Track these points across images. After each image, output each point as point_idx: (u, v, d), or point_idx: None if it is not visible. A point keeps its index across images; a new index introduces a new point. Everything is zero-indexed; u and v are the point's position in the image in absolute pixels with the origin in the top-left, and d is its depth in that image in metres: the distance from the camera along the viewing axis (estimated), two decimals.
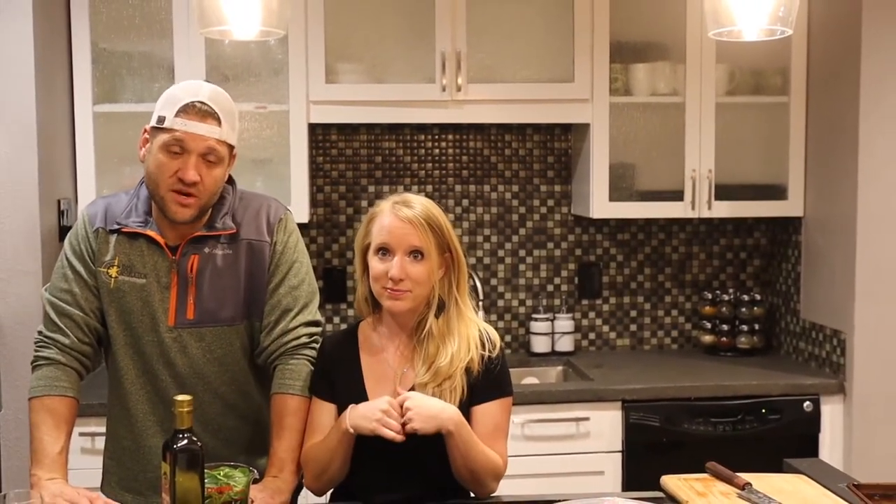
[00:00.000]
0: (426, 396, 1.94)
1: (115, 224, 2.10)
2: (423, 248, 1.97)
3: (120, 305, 2.09)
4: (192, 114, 2.00)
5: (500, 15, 3.45)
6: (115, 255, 2.09)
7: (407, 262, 1.96)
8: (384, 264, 1.97)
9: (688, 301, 3.90)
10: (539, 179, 3.80)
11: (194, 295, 2.08)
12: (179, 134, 1.99)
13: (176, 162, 2.00)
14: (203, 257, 2.08)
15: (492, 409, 2.02)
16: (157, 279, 2.08)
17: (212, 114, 2.01)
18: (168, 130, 1.99)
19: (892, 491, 1.98)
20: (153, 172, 2.03)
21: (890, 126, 3.20)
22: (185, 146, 1.99)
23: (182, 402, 1.73)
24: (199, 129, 2.00)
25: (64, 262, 2.13)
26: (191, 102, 2.00)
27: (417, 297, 1.99)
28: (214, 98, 2.04)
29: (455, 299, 2.04)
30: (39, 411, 2.03)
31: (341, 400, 2.02)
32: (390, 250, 1.97)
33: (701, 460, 2.19)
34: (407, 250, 1.96)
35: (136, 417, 2.13)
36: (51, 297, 2.12)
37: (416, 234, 1.96)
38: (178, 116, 1.99)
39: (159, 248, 2.08)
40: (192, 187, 2.00)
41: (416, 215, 1.97)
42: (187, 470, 1.71)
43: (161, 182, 2.02)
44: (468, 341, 2.01)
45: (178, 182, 2.00)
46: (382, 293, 1.98)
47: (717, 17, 2.08)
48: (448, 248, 2.02)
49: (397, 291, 1.96)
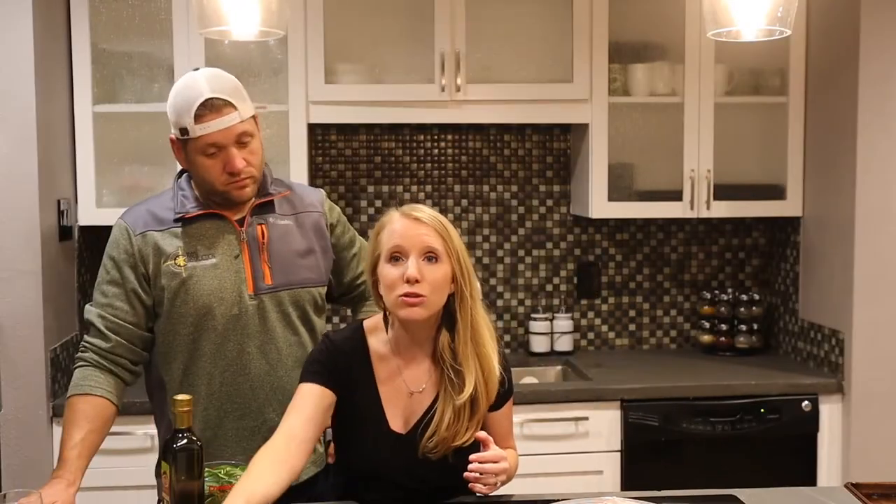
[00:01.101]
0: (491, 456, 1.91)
1: (176, 215, 2.14)
2: (438, 249, 1.87)
3: (196, 290, 2.12)
4: (210, 114, 2.06)
5: (500, 15, 3.45)
6: (176, 247, 2.13)
7: (422, 264, 1.85)
8: (398, 269, 1.86)
9: (686, 301, 3.90)
10: (538, 179, 3.81)
11: (268, 262, 2.15)
12: (209, 137, 2.06)
13: (218, 160, 2.08)
14: (269, 226, 2.18)
15: (504, 413, 2.05)
16: (226, 255, 2.14)
17: (225, 102, 2.08)
18: (197, 138, 2.06)
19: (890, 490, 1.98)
20: (202, 176, 2.11)
21: (888, 126, 3.21)
22: (220, 144, 2.07)
23: (182, 402, 1.74)
24: (223, 123, 2.07)
25: (106, 274, 2.15)
26: (201, 104, 2.05)
27: (432, 304, 1.87)
28: (217, 86, 2.09)
29: (469, 316, 1.93)
30: (66, 411, 2.08)
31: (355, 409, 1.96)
32: (403, 253, 1.86)
33: (700, 460, 2.20)
34: (422, 251, 1.86)
35: (213, 398, 2.15)
36: (95, 309, 2.15)
37: (431, 235, 1.87)
38: (198, 123, 2.05)
39: (223, 225, 2.15)
40: (242, 172, 2.09)
41: (428, 216, 1.89)
42: (187, 469, 1.72)
43: (214, 181, 2.10)
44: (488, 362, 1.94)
45: (230, 175, 2.09)
46: (397, 302, 1.86)
47: (716, 17, 2.09)
48: (458, 256, 1.90)
49: (413, 297, 1.84)
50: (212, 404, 2.15)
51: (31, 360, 2.92)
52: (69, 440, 2.02)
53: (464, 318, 1.92)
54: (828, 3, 3.35)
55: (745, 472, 3.16)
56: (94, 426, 2.05)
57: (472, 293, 1.92)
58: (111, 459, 2.73)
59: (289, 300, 2.18)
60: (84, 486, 2.02)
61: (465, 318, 1.92)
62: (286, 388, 2.14)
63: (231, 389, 2.15)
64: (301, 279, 2.19)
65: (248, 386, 2.15)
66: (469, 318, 1.92)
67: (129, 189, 3.29)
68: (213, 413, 2.15)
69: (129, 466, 2.93)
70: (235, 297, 2.13)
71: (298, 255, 2.20)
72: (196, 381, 2.14)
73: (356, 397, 1.96)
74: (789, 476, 3.16)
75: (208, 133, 2.06)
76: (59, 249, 3.10)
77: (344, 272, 2.34)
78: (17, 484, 2.75)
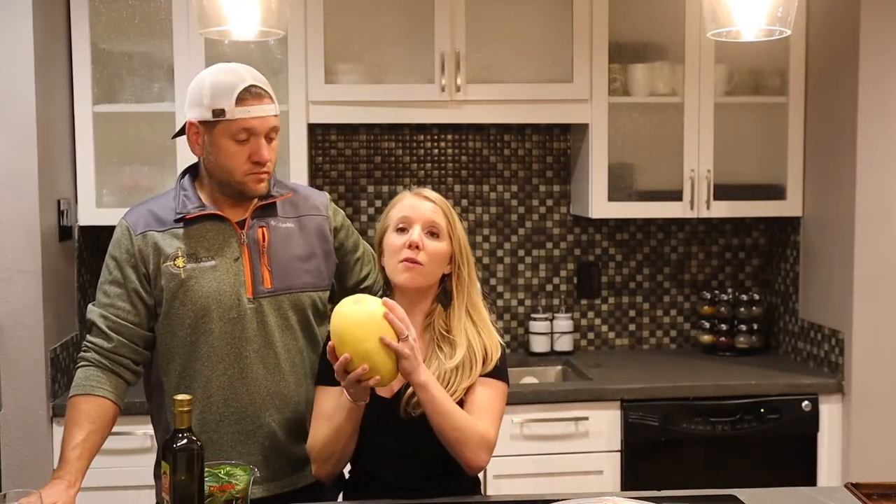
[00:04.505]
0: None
1: (177, 215, 2.13)
2: (440, 226, 2.02)
3: (195, 292, 2.11)
4: (251, 99, 2.07)
5: (499, 15, 3.45)
6: (176, 248, 2.12)
7: (425, 237, 2.00)
8: (402, 237, 2.01)
9: (686, 301, 3.90)
10: (538, 179, 3.81)
11: (268, 265, 2.14)
12: (246, 122, 2.06)
13: (246, 147, 2.08)
14: (271, 229, 2.17)
15: (482, 387, 2.01)
16: (226, 257, 2.13)
17: (265, 93, 2.10)
18: (232, 121, 2.05)
19: (890, 490, 1.99)
20: (224, 162, 2.09)
21: (888, 126, 3.21)
22: (254, 131, 2.07)
23: (181, 402, 1.73)
24: (263, 110, 2.08)
25: (108, 274, 2.15)
26: (245, 88, 2.07)
27: (428, 274, 2.02)
28: (258, 77, 2.12)
29: (466, 294, 2.06)
30: (67, 411, 2.08)
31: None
32: (409, 223, 2.02)
33: (700, 460, 2.20)
34: (426, 225, 2.01)
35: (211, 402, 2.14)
36: (97, 309, 2.14)
37: (436, 212, 2.03)
38: (239, 106, 2.05)
39: (224, 227, 2.14)
40: (265, 165, 2.09)
41: (436, 197, 2.06)
42: (187, 469, 1.71)
43: (236, 169, 2.09)
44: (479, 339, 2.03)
45: (254, 165, 2.08)
46: (397, 268, 2.00)
47: (716, 17, 2.09)
48: (458, 240, 2.05)
49: (412, 262, 1.98)
50: (209, 407, 2.14)
51: (31, 360, 2.92)
52: (70, 440, 2.02)
53: (460, 297, 2.06)
54: (828, 3, 3.35)
55: (745, 472, 3.17)
56: (95, 426, 2.05)
57: (469, 275, 2.06)
58: (111, 459, 2.73)
59: (289, 304, 2.17)
60: (84, 486, 2.01)
61: (461, 297, 2.06)
62: (284, 393, 2.14)
63: (228, 393, 2.14)
64: (302, 283, 2.18)
65: (246, 390, 2.14)
66: (465, 297, 2.06)
67: (129, 189, 3.29)
68: (210, 416, 2.14)
69: (129, 466, 2.93)
70: (234, 300, 2.12)
71: (299, 259, 2.18)
72: (193, 383, 2.14)
73: None
74: (789, 476, 3.16)
75: (247, 117, 2.05)
76: (59, 249, 3.10)
77: (347, 276, 2.34)
78: (17, 484, 2.75)
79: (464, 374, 2.00)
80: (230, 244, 2.14)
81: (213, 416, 2.14)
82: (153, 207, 2.18)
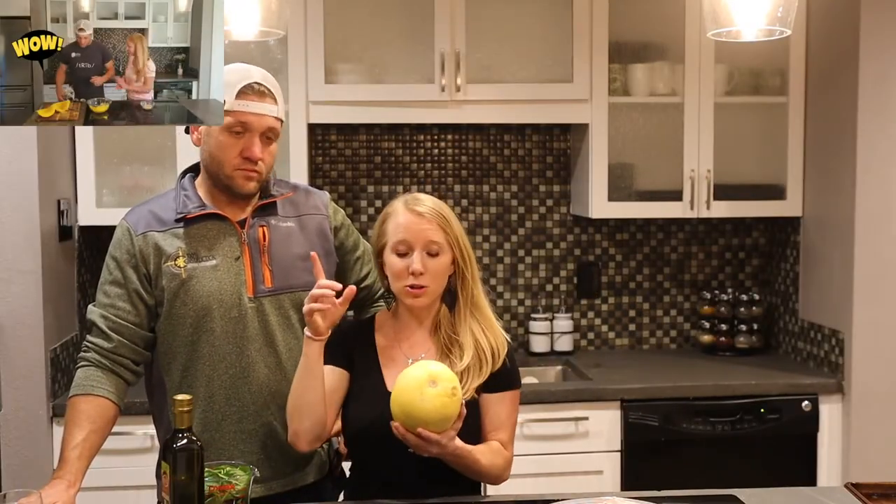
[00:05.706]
0: None
1: (178, 215, 2.13)
2: (439, 242, 2.03)
3: (196, 292, 2.11)
4: (252, 95, 2.07)
5: (499, 15, 3.45)
6: (176, 248, 2.12)
7: (425, 258, 2.02)
8: (404, 261, 2.02)
9: (686, 301, 3.90)
10: (538, 179, 3.81)
11: (268, 264, 2.15)
12: (242, 115, 2.06)
13: (240, 141, 2.08)
14: (271, 228, 2.17)
15: (500, 405, 2.06)
16: (227, 256, 2.13)
17: (269, 93, 2.10)
18: (230, 113, 2.05)
19: (890, 490, 1.99)
20: (216, 154, 2.10)
21: (888, 126, 3.21)
22: (249, 126, 2.07)
23: (182, 402, 1.73)
24: (261, 108, 2.08)
25: (109, 274, 2.15)
26: (248, 84, 2.07)
27: (434, 292, 2.05)
28: (266, 78, 2.12)
29: (470, 294, 2.09)
30: (67, 411, 2.08)
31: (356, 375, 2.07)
32: (408, 247, 2.02)
33: (700, 460, 2.20)
34: (425, 246, 2.02)
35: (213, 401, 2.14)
36: (97, 309, 2.14)
37: (432, 229, 2.03)
38: (238, 99, 2.06)
39: (224, 227, 2.14)
40: (256, 164, 2.09)
41: (429, 210, 2.05)
42: (187, 469, 1.71)
43: (226, 162, 2.10)
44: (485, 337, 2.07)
45: (244, 160, 2.09)
46: (403, 291, 2.03)
47: (716, 17, 2.09)
48: (458, 243, 2.06)
49: (417, 288, 2.01)
50: (211, 406, 2.14)
51: (31, 360, 2.92)
52: (70, 440, 2.02)
53: (464, 295, 2.09)
54: (828, 3, 3.35)
55: (745, 472, 3.17)
56: (95, 426, 2.05)
57: (471, 274, 2.09)
58: (111, 459, 2.73)
59: (290, 303, 2.17)
60: (84, 485, 2.01)
61: (465, 295, 2.09)
62: (285, 392, 2.14)
63: (230, 392, 2.14)
64: (303, 282, 2.17)
65: (247, 389, 2.14)
66: (469, 295, 2.09)
67: (129, 189, 3.29)
68: (213, 415, 2.14)
69: (129, 466, 2.93)
70: (235, 300, 2.12)
71: (300, 258, 2.18)
72: (195, 382, 2.14)
73: (358, 364, 2.08)
74: (789, 476, 3.16)
75: (244, 111, 2.06)
76: (59, 249, 3.10)
77: (348, 275, 2.33)
78: (17, 484, 2.75)
79: (474, 374, 2.03)
80: (231, 243, 2.14)
81: (215, 415, 2.14)
82: (153, 208, 2.18)
